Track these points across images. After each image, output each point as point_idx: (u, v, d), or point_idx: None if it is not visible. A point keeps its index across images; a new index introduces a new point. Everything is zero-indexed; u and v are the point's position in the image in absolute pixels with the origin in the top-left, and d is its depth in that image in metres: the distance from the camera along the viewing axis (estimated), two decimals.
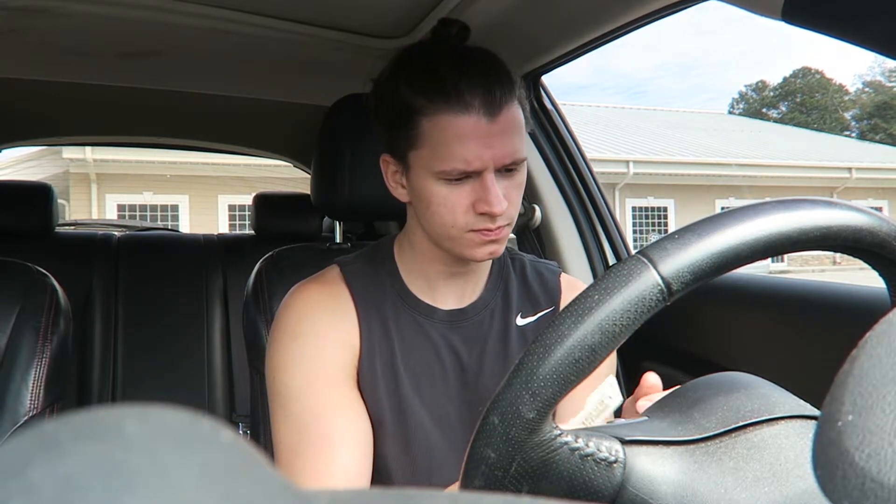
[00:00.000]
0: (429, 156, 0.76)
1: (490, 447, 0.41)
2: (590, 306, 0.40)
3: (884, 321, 0.26)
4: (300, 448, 0.78)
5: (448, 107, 0.75)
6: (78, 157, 10.18)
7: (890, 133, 33.34)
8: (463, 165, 0.75)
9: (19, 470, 0.13)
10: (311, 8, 1.19)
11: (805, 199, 0.44)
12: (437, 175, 0.76)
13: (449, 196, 0.77)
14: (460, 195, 0.77)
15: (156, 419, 0.15)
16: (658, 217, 14.08)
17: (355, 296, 0.85)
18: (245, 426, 1.69)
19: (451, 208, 0.77)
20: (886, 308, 0.33)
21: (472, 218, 0.77)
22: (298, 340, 0.82)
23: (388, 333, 0.85)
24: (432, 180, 0.77)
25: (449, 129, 0.75)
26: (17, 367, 0.99)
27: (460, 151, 0.74)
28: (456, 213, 0.77)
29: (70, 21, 1.18)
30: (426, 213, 0.80)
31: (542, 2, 1.07)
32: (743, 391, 0.47)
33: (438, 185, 0.77)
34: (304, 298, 0.85)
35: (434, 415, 0.84)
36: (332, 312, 0.84)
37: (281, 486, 0.15)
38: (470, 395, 0.86)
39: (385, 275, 0.88)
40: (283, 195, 2.06)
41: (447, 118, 0.75)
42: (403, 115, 0.78)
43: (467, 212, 0.77)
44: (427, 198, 0.78)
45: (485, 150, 0.75)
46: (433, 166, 0.76)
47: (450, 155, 0.75)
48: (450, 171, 0.75)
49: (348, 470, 0.77)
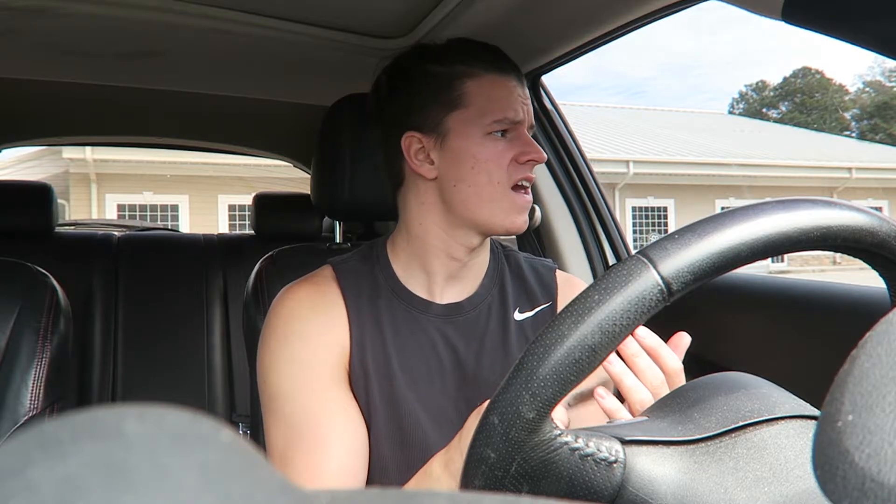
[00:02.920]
0: (476, 113, 0.83)
1: (490, 447, 0.41)
2: (590, 306, 0.40)
3: (884, 321, 0.26)
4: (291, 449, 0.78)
5: (491, 69, 0.85)
6: (78, 157, 10.18)
7: (890, 133, 33.34)
8: (513, 115, 0.83)
9: (19, 470, 0.13)
10: (311, 8, 1.19)
11: (805, 199, 0.44)
12: (487, 129, 0.83)
13: (495, 148, 0.83)
14: (504, 148, 0.84)
15: (156, 419, 0.15)
16: (658, 217, 14.08)
17: (346, 294, 0.85)
18: (245, 426, 1.69)
19: (498, 161, 0.83)
20: (886, 308, 0.33)
21: (516, 168, 0.84)
22: (289, 341, 0.82)
23: (381, 330, 0.84)
24: (479, 137, 0.83)
25: (495, 87, 0.84)
26: (17, 367, 0.99)
27: (509, 104, 0.84)
28: (502, 166, 0.83)
29: (70, 21, 1.18)
30: (469, 174, 0.84)
31: (541, 2, 1.07)
32: (743, 391, 0.47)
33: (485, 141, 0.83)
34: (293, 299, 0.85)
35: (430, 411, 0.84)
36: (322, 313, 0.84)
37: (281, 486, 0.15)
38: (468, 391, 0.86)
39: (379, 272, 0.88)
40: (283, 195, 2.06)
41: (492, 77, 0.84)
42: (441, 82, 0.84)
43: (511, 164, 0.83)
44: (473, 155, 0.83)
45: (523, 109, 0.85)
46: (483, 121, 0.83)
47: (500, 107, 0.83)
48: (501, 119, 0.83)
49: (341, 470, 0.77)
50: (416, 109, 0.85)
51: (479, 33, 1.17)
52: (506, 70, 0.86)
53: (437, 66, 0.85)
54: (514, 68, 0.87)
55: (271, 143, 2.32)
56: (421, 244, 0.87)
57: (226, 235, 2.12)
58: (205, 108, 1.87)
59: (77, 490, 0.12)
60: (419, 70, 0.86)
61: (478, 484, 0.42)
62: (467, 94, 0.83)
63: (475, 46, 0.88)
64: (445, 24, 1.19)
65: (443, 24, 1.20)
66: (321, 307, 0.84)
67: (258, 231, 2.03)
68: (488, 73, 0.84)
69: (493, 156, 0.83)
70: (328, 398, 0.80)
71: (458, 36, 1.16)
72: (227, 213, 11.68)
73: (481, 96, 0.83)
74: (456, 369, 0.86)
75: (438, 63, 0.85)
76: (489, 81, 0.84)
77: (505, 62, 0.87)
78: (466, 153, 0.83)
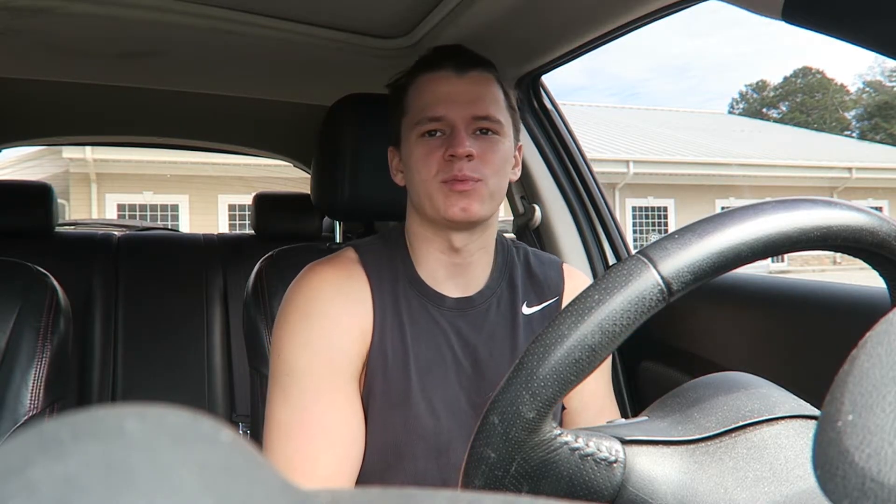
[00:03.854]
0: (411, 117, 0.87)
1: (490, 447, 0.41)
2: (590, 306, 0.40)
3: (884, 321, 0.26)
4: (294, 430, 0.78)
5: (424, 70, 0.88)
6: (78, 157, 10.18)
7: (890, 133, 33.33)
8: (432, 112, 0.84)
9: (20, 469, 0.13)
10: (312, 8, 1.19)
11: (805, 199, 0.44)
12: (417, 132, 0.85)
13: (424, 149, 0.85)
14: (434, 147, 0.85)
15: (156, 419, 0.15)
16: (658, 217, 14.07)
17: (371, 278, 0.86)
18: (245, 426, 1.69)
19: (427, 160, 0.84)
20: (886, 308, 0.33)
21: (444, 165, 0.84)
22: (309, 322, 0.82)
23: (400, 319, 0.86)
24: (414, 140, 0.86)
25: (424, 86, 0.87)
26: (18, 366, 0.99)
27: (431, 102, 0.85)
28: (430, 164, 0.84)
29: (70, 21, 1.18)
30: (410, 176, 0.87)
31: (540, 2, 1.07)
32: (743, 391, 0.47)
33: (418, 144, 0.85)
34: (318, 278, 0.85)
35: (444, 400, 0.85)
36: (347, 295, 0.84)
37: (281, 486, 0.15)
38: (480, 381, 0.88)
39: (399, 260, 0.90)
40: (283, 195, 2.06)
41: (423, 78, 0.87)
42: (396, 94, 0.91)
43: (439, 162, 0.84)
44: (409, 158, 0.87)
45: (453, 103, 0.85)
46: (414, 124, 0.86)
47: (423, 107, 0.85)
48: (422, 119, 0.85)
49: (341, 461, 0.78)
50: (390, 125, 0.93)
51: (478, 34, 1.17)
52: (437, 65, 0.87)
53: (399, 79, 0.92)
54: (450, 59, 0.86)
55: (271, 143, 2.32)
56: (416, 242, 0.90)
57: (226, 235, 2.12)
58: (205, 108, 1.86)
59: (77, 490, 0.12)
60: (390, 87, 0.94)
61: (478, 484, 0.42)
62: (407, 101, 0.88)
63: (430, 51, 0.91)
64: (445, 25, 1.19)
65: (442, 25, 1.20)
66: (346, 289, 0.85)
67: (258, 231, 2.03)
68: (422, 75, 0.88)
69: (421, 157, 0.85)
70: (338, 386, 0.80)
71: (457, 36, 1.17)
72: (227, 213, 11.68)
73: (414, 100, 0.87)
74: (468, 361, 0.88)
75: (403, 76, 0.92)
76: (421, 83, 0.87)
77: (441, 58, 0.87)
78: (408, 157, 0.88)
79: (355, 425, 0.81)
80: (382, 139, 0.96)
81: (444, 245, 0.88)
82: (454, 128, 0.84)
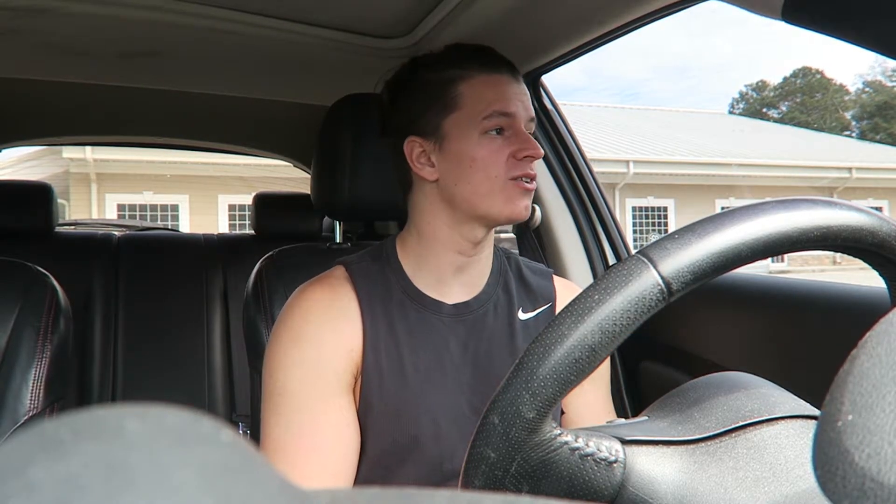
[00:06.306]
0: (469, 114, 0.85)
1: (490, 447, 0.41)
2: (590, 306, 0.40)
3: (884, 321, 0.26)
4: (290, 448, 0.80)
5: (482, 69, 0.87)
6: (78, 157, 10.18)
7: (890, 133, 33.33)
8: (503, 107, 0.85)
9: (20, 469, 0.13)
10: (312, 8, 1.19)
11: (805, 199, 0.44)
12: (482, 128, 0.85)
13: (491, 147, 0.85)
14: (501, 146, 0.85)
15: (156, 419, 0.15)
16: (658, 217, 14.08)
17: (360, 295, 0.87)
18: (245, 426, 1.69)
19: (495, 158, 0.84)
20: (886, 308, 0.33)
21: (515, 164, 0.85)
22: (300, 344, 0.83)
23: (393, 331, 0.86)
24: (474, 137, 0.85)
25: (487, 85, 0.86)
26: (18, 366, 0.99)
27: (500, 100, 0.85)
28: (499, 163, 0.84)
29: (70, 21, 1.18)
30: (467, 173, 0.85)
31: (541, 2, 1.07)
32: (743, 391, 0.47)
33: (480, 141, 0.85)
34: (308, 300, 0.86)
35: (445, 406, 0.86)
36: (335, 316, 0.85)
37: (281, 486, 0.15)
38: (481, 385, 0.88)
39: (390, 272, 0.90)
40: (283, 195, 2.06)
41: (483, 77, 0.86)
42: (436, 87, 0.87)
43: (509, 160, 0.85)
44: (470, 156, 0.85)
45: (517, 103, 0.87)
46: (475, 120, 0.85)
47: (491, 104, 0.85)
48: (492, 114, 0.84)
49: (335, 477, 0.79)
50: (415, 116, 0.89)
51: (478, 33, 1.17)
52: (496, 67, 0.88)
53: (432, 73, 0.88)
54: (505, 64, 0.89)
55: (271, 143, 2.32)
56: (431, 242, 0.89)
57: (226, 235, 2.12)
58: (205, 108, 1.86)
59: (77, 490, 0.12)
60: (416, 79, 0.90)
61: (478, 484, 0.42)
62: (460, 96, 0.86)
63: (467, 49, 0.90)
64: (445, 25, 1.19)
65: (442, 25, 1.20)
66: (335, 310, 0.85)
67: (258, 231, 2.03)
68: (479, 74, 0.86)
69: (489, 154, 0.84)
70: (330, 404, 0.81)
71: (457, 36, 1.17)
72: (227, 213, 11.68)
73: (473, 96, 0.86)
74: (468, 366, 0.88)
75: (433, 70, 0.88)
76: (480, 81, 0.86)
77: (495, 60, 0.88)
78: (464, 154, 0.85)
79: (347, 441, 0.82)
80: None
81: (465, 244, 0.88)
82: (518, 128, 0.86)
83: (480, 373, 0.88)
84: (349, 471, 0.82)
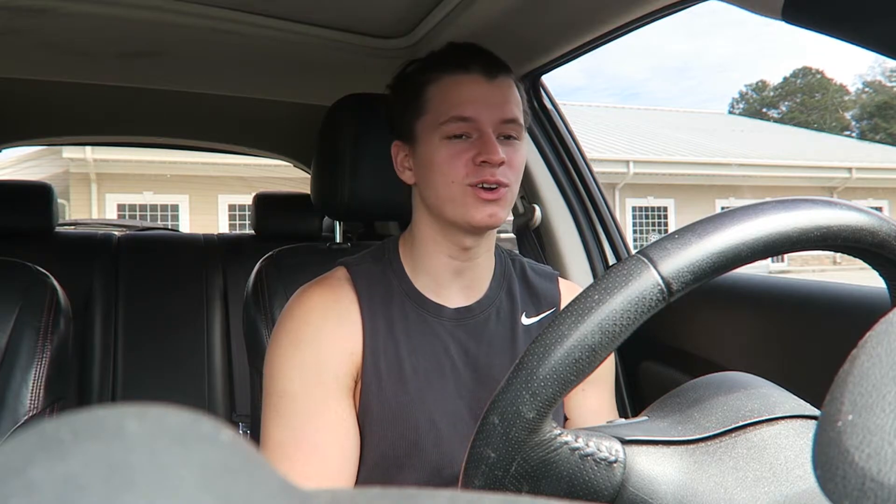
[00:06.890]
0: (433, 117, 0.83)
1: (490, 447, 0.41)
2: (590, 306, 0.40)
3: (884, 321, 0.26)
4: (290, 450, 0.79)
5: (453, 70, 0.84)
6: (78, 157, 10.18)
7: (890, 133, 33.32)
8: (461, 112, 0.81)
9: (20, 469, 0.13)
10: (312, 8, 1.19)
11: (805, 199, 0.44)
12: (442, 133, 0.82)
13: (450, 151, 0.82)
14: (462, 150, 0.82)
15: (156, 419, 0.15)
16: (658, 217, 14.07)
17: (361, 297, 0.86)
18: (245, 426, 1.69)
19: (453, 163, 0.82)
20: (886, 308, 0.33)
21: (473, 169, 0.81)
22: (300, 347, 0.83)
23: (393, 334, 0.85)
24: (437, 141, 0.83)
25: (451, 87, 0.83)
26: (18, 366, 0.99)
27: (460, 104, 0.82)
28: (458, 166, 0.81)
29: (70, 21, 1.18)
30: (430, 177, 0.84)
31: (541, 2, 1.07)
32: (743, 391, 0.47)
33: (440, 145, 0.83)
34: (308, 303, 0.86)
35: (444, 411, 0.85)
36: (336, 319, 0.84)
37: (281, 486, 0.15)
38: (481, 391, 0.87)
39: (392, 274, 0.89)
40: (283, 195, 2.06)
41: (449, 79, 0.84)
42: (412, 90, 0.86)
43: (467, 165, 0.81)
44: (431, 159, 0.83)
45: (483, 106, 0.82)
46: (437, 124, 0.82)
47: (451, 108, 0.82)
48: (449, 119, 0.82)
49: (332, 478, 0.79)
50: (397, 120, 0.90)
51: (478, 33, 1.17)
52: (467, 68, 0.83)
53: (413, 75, 0.88)
54: (481, 64, 0.84)
55: (271, 143, 2.32)
56: (424, 245, 0.89)
57: (226, 235, 2.12)
58: (205, 108, 1.86)
59: (78, 489, 0.12)
60: (400, 81, 0.90)
61: (478, 483, 0.42)
62: (429, 100, 0.84)
63: (449, 49, 0.88)
64: (445, 25, 1.19)
65: (442, 25, 1.20)
66: (335, 313, 0.85)
67: (258, 231, 2.03)
68: (448, 74, 0.84)
69: (446, 159, 0.82)
70: (329, 406, 0.81)
71: (457, 36, 1.17)
72: (227, 213, 11.68)
73: (438, 99, 0.84)
74: (468, 371, 0.87)
75: (415, 72, 0.88)
76: (447, 83, 0.84)
77: (468, 59, 0.84)
78: (428, 159, 0.84)
79: (347, 443, 0.81)
80: (382, 139, 0.96)
81: (453, 248, 0.87)
82: (483, 132, 0.82)
83: (481, 378, 0.87)
84: (349, 472, 0.82)
